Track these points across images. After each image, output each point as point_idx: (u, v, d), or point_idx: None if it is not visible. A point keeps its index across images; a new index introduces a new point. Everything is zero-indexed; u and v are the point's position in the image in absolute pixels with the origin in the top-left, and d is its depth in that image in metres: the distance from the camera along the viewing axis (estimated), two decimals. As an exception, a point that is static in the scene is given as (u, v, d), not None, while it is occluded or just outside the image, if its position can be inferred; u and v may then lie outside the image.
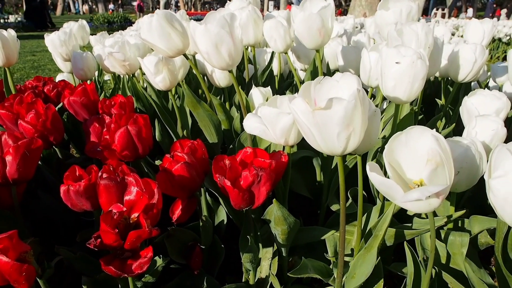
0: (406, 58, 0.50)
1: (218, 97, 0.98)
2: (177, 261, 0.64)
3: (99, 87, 1.20)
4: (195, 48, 0.61)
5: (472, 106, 0.63)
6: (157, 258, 0.59)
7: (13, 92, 0.92)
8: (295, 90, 1.01)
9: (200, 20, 0.61)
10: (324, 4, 0.67)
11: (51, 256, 0.55)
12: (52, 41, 1.03)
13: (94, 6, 27.78)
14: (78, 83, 1.15)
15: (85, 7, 26.50)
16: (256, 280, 0.65)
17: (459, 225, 0.57)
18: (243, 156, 0.57)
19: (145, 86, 1.07)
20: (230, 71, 0.64)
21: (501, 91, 1.11)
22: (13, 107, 0.73)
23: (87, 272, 0.59)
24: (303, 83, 0.71)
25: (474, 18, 0.99)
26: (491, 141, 0.55)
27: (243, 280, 0.66)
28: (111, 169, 0.53)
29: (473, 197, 0.70)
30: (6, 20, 8.71)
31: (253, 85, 0.81)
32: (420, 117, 0.90)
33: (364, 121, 0.40)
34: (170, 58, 0.69)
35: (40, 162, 0.78)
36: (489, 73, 1.30)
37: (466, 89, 0.94)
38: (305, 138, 0.43)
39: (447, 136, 0.71)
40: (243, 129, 0.64)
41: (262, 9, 15.53)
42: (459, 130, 0.62)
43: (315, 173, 0.79)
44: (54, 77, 1.34)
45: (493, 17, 10.62)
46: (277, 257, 0.64)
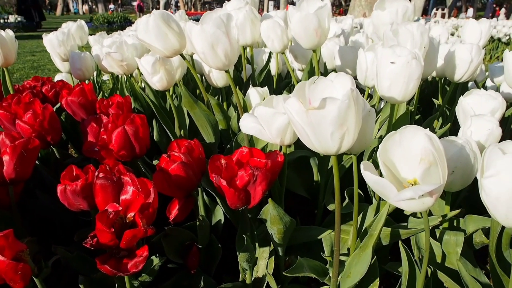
0: (401, 58, 0.51)
1: (216, 97, 0.98)
2: (174, 261, 0.65)
3: (97, 87, 1.20)
4: (192, 48, 0.61)
5: (468, 106, 0.64)
6: (153, 257, 0.60)
7: (11, 92, 0.93)
8: (293, 90, 1.01)
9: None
10: (321, 5, 0.67)
11: (48, 256, 0.55)
12: (50, 41, 1.03)
13: (94, 6, 27.78)
14: (76, 83, 1.15)
15: (85, 7, 26.52)
16: (253, 279, 0.65)
17: (455, 224, 0.57)
18: (239, 155, 0.57)
19: (143, 86, 1.07)
20: (227, 71, 0.64)
21: (498, 91, 1.11)
22: (11, 107, 0.73)
23: (84, 271, 0.59)
24: (300, 83, 0.71)
25: (471, 18, 0.99)
26: (486, 140, 0.55)
27: (240, 280, 0.67)
28: (108, 168, 0.54)
29: (469, 196, 0.70)
30: (6, 20, 8.70)
31: (250, 85, 0.81)
32: (417, 117, 0.90)
33: (358, 120, 0.41)
34: (167, 58, 0.69)
35: (38, 162, 0.78)
36: (487, 73, 1.30)
37: (463, 89, 0.94)
38: (299, 138, 0.43)
39: (443, 135, 0.71)
40: (240, 129, 0.64)
41: (262, 9, 15.53)
42: (456, 130, 0.62)
43: (313, 173, 0.80)
44: (53, 77, 1.34)
45: (492, 17, 10.61)
46: (273, 256, 0.64)
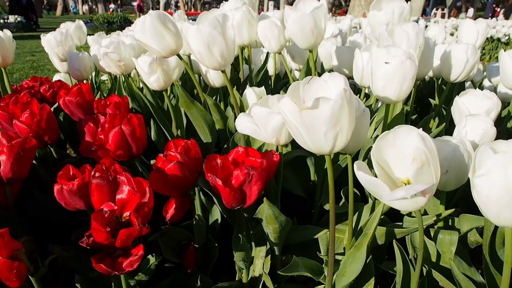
0: (395, 58, 0.51)
1: (214, 97, 0.98)
2: (171, 260, 0.65)
3: (95, 87, 1.20)
4: (188, 49, 0.61)
5: (463, 106, 0.64)
6: (150, 256, 0.60)
7: (9, 92, 0.93)
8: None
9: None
10: (317, 5, 0.67)
11: (46, 255, 0.55)
12: (48, 41, 1.03)
13: (94, 7, 27.79)
14: (74, 83, 1.15)
15: (85, 7, 26.52)
16: (249, 278, 0.65)
17: (449, 223, 0.58)
18: (235, 155, 0.57)
19: (141, 86, 1.08)
20: (223, 71, 0.64)
21: (496, 91, 1.11)
22: (9, 107, 0.73)
23: (81, 270, 0.59)
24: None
25: (468, 19, 1.00)
26: (480, 140, 0.55)
27: (237, 279, 0.67)
28: (104, 168, 0.54)
29: (466, 196, 0.70)
30: (6, 20, 8.70)
31: (247, 85, 0.82)
32: (414, 116, 0.90)
33: (351, 120, 0.41)
34: (163, 58, 0.69)
35: (36, 162, 0.79)
36: (485, 73, 1.30)
37: (459, 88, 0.94)
38: (294, 138, 0.44)
39: (439, 135, 0.72)
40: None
41: (262, 9, 15.52)
42: (452, 130, 0.62)
43: (310, 172, 0.80)
44: (53, 77, 1.35)
45: (492, 17, 10.61)
46: (270, 255, 0.65)
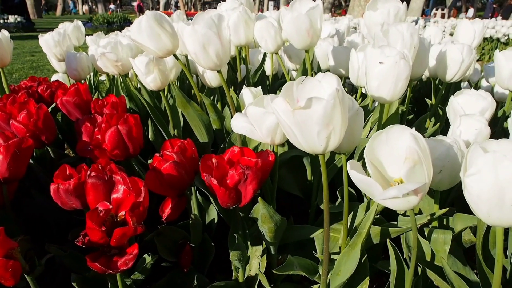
0: (389, 59, 0.51)
1: (212, 97, 0.99)
2: (167, 259, 0.65)
3: (93, 87, 1.20)
4: (184, 49, 0.62)
5: (458, 106, 0.64)
6: (146, 256, 0.60)
7: (7, 92, 0.93)
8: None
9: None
10: (313, 5, 0.68)
11: (43, 254, 0.56)
12: (46, 41, 1.03)
13: (94, 7, 27.80)
14: (72, 83, 1.15)
15: (85, 8, 26.53)
16: (245, 277, 0.65)
17: (444, 223, 0.58)
18: (230, 155, 0.58)
19: (138, 86, 1.08)
20: (219, 71, 0.65)
21: (493, 91, 1.12)
22: (6, 107, 0.73)
23: (77, 269, 0.59)
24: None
25: (465, 19, 1.00)
26: (474, 140, 0.56)
27: (233, 278, 0.67)
28: (100, 167, 0.54)
29: (461, 195, 0.70)
30: (6, 20, 8.71)
31: (244, 85, 0.82)
32: (410, 116, 0.91)
33: (344, 120, 0.41)
34: (160, 58, 0.70)
35: (33, 162, 0.79)
36: (483, 73, 1.31)
37: (456, 88, 0.95)
38: (287, 137, 0.44)
39: (434, 135, 0.72)
40: (232, 128, 0.64)
41: (262, 9, 15.53)
42: (448, 129, 0.63)
43: (306, 172, 0.80)
44: (53, 78, 1.35)
45: (492, 17, 10.61)
46: (266, 255, 0.65)
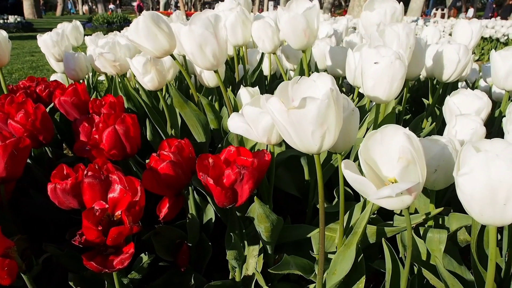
0: (385, 59, 0.51)
1: (209, 97, 0.99)
2: (164, 259, 0.65)
3: (91, 87, 1.20)
4: (181, 49, 0.62)
5: (454, 106, 0.64)
6: (143, 255, 0.60)
7: (5, 92, 0.93)
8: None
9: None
10: (309, 5, 0.68)
11: (41, 254, 0.56)
12: (44, 41, 1.04)
13: (94, 7, 27.80)
14: (71, 83, 1.15)
15: (85, 8, 26.53)
16: (242, 277, 0.66)
17: (440, 222, 0.58)
18: (226, 154, 0.58)
19: (137, 86, 1.08)
20: (216, 71, 0.65)
21: (491, 91, 1.12)
22: (4, 107, 0.74)
23: (74, 268, 0.60)
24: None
25: (462, 19, 1.00)
26: (470, 139, 0.56)
27: (230, 277, 0.67)
28: (97, 167, 0.54)
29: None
30: (6, 21, 8.71)
31: (241, 85, 0.82)
32: (407, 116, 0.91)
33: (339, 119, 0.41)
34: (157, 58, 0.70)
35: (31, 162, 0.79)
36: (481, 73, 1.31)
37: (453, 88, 0.95)
38: (283, 137, 0.44)
39: (430, 134, 0.72)
40: (229, 128, 0.64)
41: (262, 9, 15.52)
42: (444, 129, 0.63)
43: (304, 172, 0.80)
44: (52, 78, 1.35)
45: (492, 17, 10.61)
46: (263, 254, 0.65)
